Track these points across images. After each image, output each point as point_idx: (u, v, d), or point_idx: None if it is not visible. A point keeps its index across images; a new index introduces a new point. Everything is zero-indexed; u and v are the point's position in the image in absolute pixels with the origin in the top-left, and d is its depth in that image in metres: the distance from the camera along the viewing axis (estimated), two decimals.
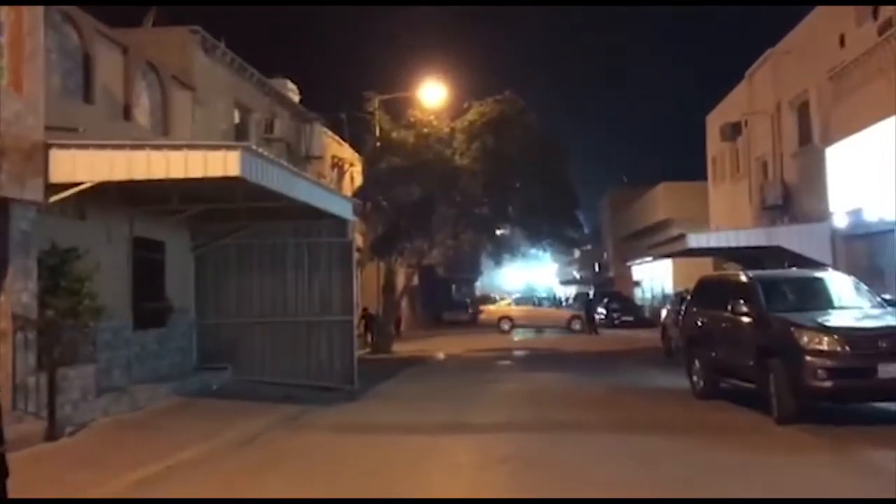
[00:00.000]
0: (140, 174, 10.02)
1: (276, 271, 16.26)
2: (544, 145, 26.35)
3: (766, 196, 22.23)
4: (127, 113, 13.83)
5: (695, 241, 19.55)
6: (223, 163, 9.82)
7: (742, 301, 12.10)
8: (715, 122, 29.70)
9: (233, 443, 10.17)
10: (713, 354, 13.26)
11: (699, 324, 14.00)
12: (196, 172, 9.92)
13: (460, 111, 27.13)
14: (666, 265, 42.30)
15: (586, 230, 42.47)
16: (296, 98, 24.49)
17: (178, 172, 9.95)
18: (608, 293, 48.96)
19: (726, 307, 12.67)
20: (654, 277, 46.22)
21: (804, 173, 20.81)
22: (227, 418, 11.93)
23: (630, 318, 42.20)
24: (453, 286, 60.99)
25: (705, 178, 37.68)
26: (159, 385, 13.54)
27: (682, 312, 15.17)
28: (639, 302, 47.38)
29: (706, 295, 14.19)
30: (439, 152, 26.43)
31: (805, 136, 20.76)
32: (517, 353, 26.77)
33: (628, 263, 53.17)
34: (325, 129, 26.21)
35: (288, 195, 11.88)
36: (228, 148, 9.91)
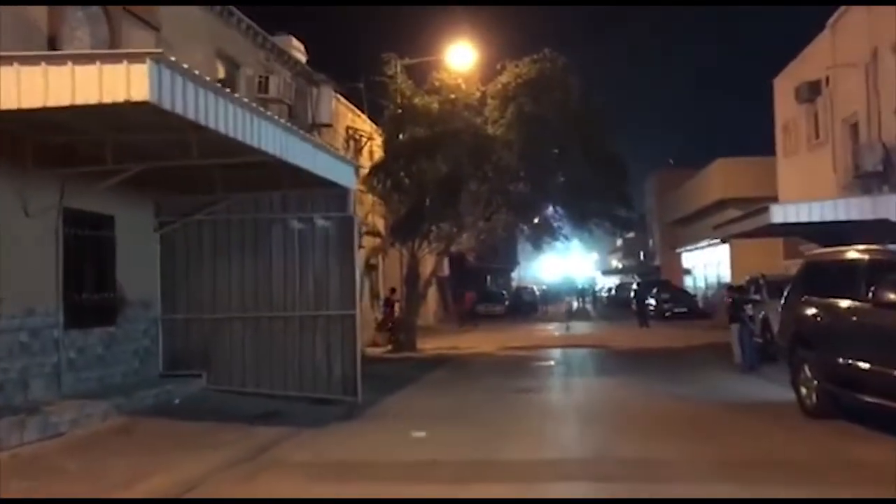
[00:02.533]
0: (8, 102, 6.74)
1: (260, 254, 12.98)
2: (590, 110, 22.73)
3: (860, 162, 18.39)
4: (53, 46, 10.59)
5: (780, 214, 15.84)
6: (125, 81, 6.50)
7: (890, 286, 8.51)
8: (786, 83, 25.79)
9: (153, 499, 6.88)
10: (836, 360, 9.65)
11: (812, 318, 10.39)
12: (88, 96, 6.63)
13: (492, 75, 23.62)
14: (722, 251, 38.38)
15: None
16: (302, 58, 21.18)
17: (61, 98, 6.67)
18: (658, 282, 45.09)
19: (859, 295, 9.11)
20: (708, 265, 42.26)
21: None
22: (170, 451, 8.68)
23: (683, 310, 38.37)
24: (488, 277, 57.52)
25: (765, 153, 33.87)
26: (97, 402, 10.33)
27: (783, 302, 11.52)
28: (691, 291, 43.37)
29: (820, 279, 10.57)
30: (468, 120, 22.97)
31: None
32: (559, 350, 23.23)
33: (677, 250, 49.23)
34: (338, 96, 22.89)
35: (246, 142, 8.56)
36: (132, 58, 6.56)
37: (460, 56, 24.40)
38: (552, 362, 19.95)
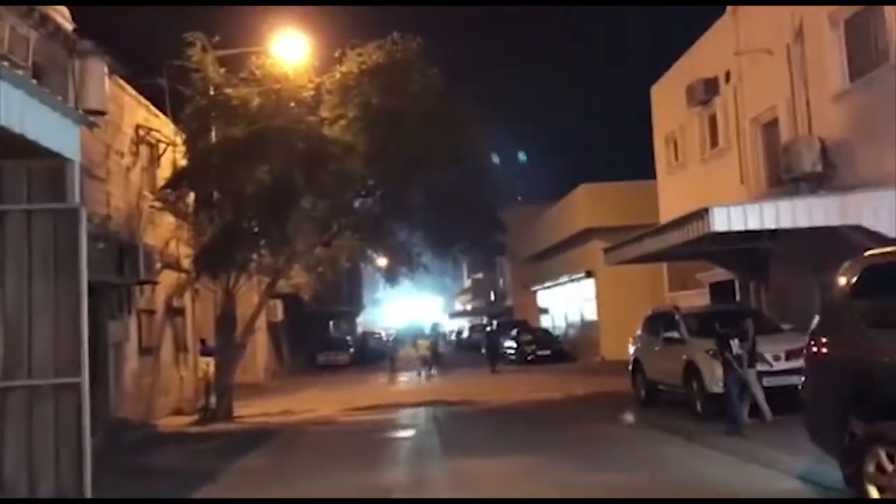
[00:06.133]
0: None
1: None
2: (453, 108, 18.15)
3: (793, 163, 14.73)
4: None
5: (723, 219, 11.67)
6: None
7: None
8: (669, 88, 22.47)
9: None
10: None
11: None
12: None
13: (330, 68, 18.57)
14: (586, 286, 35.02)
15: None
16: (66, 25, 15.31)
17: None
18: (517, 323, 41.18)
19: None
20: (570, 302, 38.81)
21: (864, 118, 13.47)
22: None
23: (547, 353, 34.44)
24: (331, 322, 51.85)
25: (633, 178, 30.90)
26: None
27: (813, 335, 7.00)
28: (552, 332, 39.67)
29: None
30: (298, 117, 17.83)
31: (865, 63, 13.47)
32: (419, 410, 18.17)
33: (533, 288, 45.80)
34: (121, 82, 17.01)
35: None
36: None
37: (289, 47, 19.21)
38: (415, 431, 14.86)
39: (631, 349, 17.06)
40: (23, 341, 7.04)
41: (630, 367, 16.79)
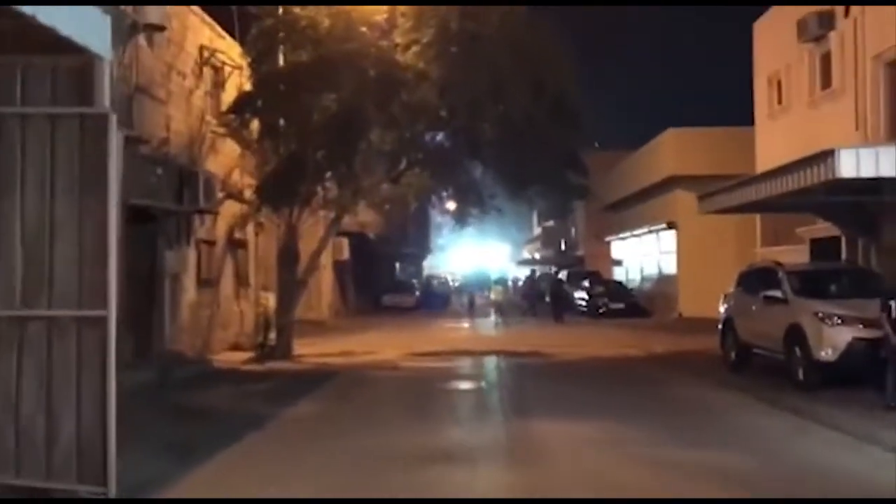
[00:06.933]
0: None
1: None
2: (536, 36, 16.63)
3: None
4: None
5: (850, 164, 10.04)
6: None
7: None
8: (776, 24, 20.41)
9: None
10: None
11: None
12: None
13: None
14: (666, 238, 33.28)
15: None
16: None
17: None
18: (588, 274, 39.67)
19: None
20: (647, 255, 37.07)
21: None
22: None
23: (620, 306, 32.94)
24: (397, 264, 51.24)
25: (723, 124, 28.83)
26: None
27: None
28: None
29: None
30: (370, 43, 16.60)
31: None
32: (486, 360, 17.18)
33: (607, 238, 44.08)
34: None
35: None
36: None
37: None
38: (481, 384, 13.86)
39: (722, 307, 15.61)
40: (44, 265, 6.14)
41: (720, 327, 15.38)
